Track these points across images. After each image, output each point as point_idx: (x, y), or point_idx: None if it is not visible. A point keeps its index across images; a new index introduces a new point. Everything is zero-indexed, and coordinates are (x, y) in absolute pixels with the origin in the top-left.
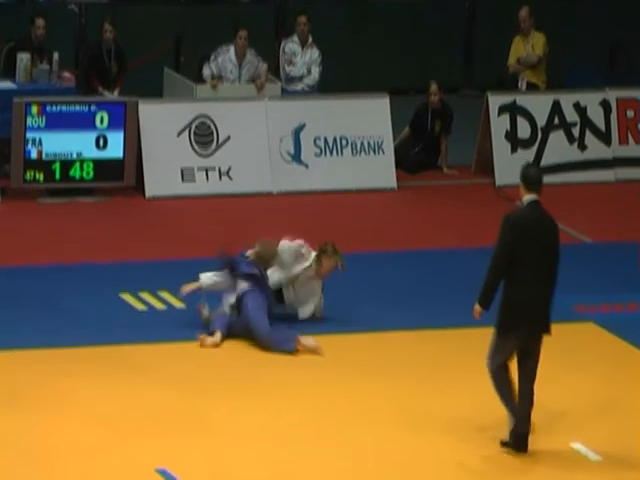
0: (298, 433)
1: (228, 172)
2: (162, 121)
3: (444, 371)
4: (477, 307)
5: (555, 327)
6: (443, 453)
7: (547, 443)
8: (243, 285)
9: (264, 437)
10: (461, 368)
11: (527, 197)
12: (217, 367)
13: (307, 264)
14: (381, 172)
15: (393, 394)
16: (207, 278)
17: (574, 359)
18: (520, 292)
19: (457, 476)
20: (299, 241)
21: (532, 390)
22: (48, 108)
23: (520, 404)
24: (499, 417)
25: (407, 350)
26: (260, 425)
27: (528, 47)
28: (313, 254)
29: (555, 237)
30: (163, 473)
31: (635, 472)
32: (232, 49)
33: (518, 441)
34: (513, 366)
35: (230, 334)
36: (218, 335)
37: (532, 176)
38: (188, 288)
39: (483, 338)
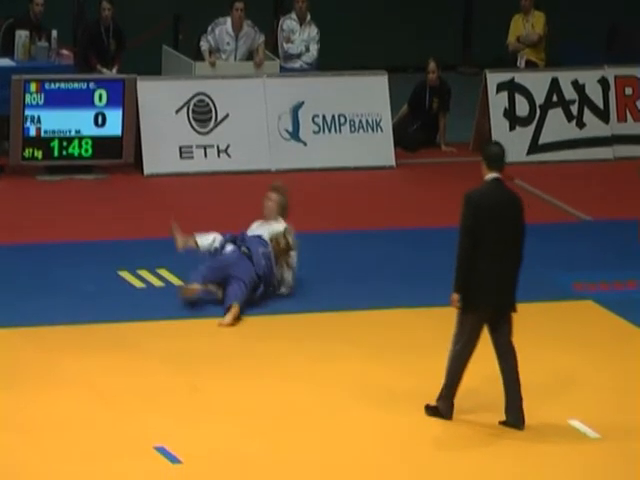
0: (293, 410)
1: (226, 150)
2: (161, 99)
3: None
4: (454, 295)
5: (554, 305)
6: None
7: (544, 421)
8: (230, 247)
9: (261, 414)
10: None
11: (489, 175)
12: (215, 344)
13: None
14: (380, 150)
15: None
16: (203, 240)
17: (572, 337)
18: (483, 271)
19: (447, 454)
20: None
21: (516, 372)
22: (47, 85)
23: (510, 389)
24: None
25: (407, 328)
26: (258, 402)
27: (528, 26)
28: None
29: (519, 214)
30: (162, 451)
31: (634, 448)
32: (229, 21)
33: (515, 421)
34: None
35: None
36: (236, 308)
37: (494, 154)
38: (184, 244)
39: None
